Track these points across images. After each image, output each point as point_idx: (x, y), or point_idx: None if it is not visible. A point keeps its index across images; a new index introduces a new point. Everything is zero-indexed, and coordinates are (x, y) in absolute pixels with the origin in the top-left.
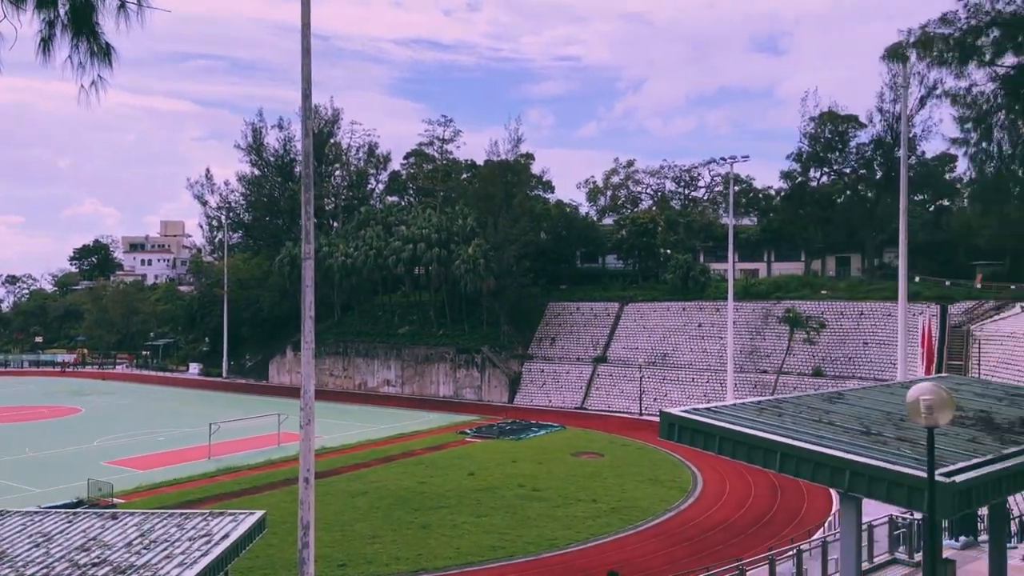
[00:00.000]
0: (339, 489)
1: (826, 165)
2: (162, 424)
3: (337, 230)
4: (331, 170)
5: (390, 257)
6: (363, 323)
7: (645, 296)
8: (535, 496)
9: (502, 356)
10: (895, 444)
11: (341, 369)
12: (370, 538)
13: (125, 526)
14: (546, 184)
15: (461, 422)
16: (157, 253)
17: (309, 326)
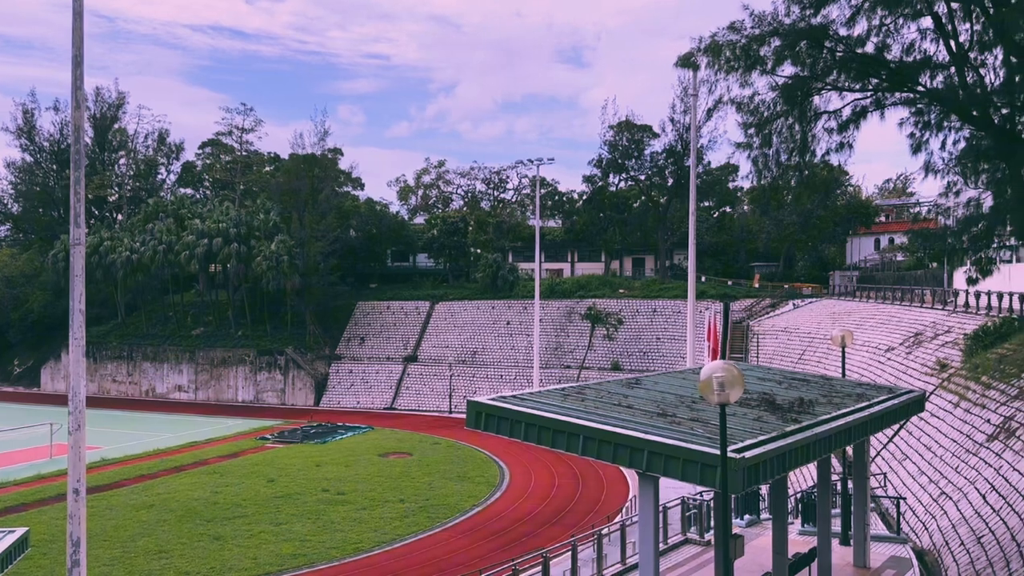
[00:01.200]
0: (121, 503)
1: (624, 171)
2: None
3: (122, 223)
4: (115, 158)
5: (182, 253)
6: (151, 324)
7: (456, 295)
8: (340, 500)
9: (307, 357)
10: (688, 424)
11: (126, 374)
12: (156, 554)
13: None
14: (356, 181)
15: (262, 427)
16: None
17: (79, 320)
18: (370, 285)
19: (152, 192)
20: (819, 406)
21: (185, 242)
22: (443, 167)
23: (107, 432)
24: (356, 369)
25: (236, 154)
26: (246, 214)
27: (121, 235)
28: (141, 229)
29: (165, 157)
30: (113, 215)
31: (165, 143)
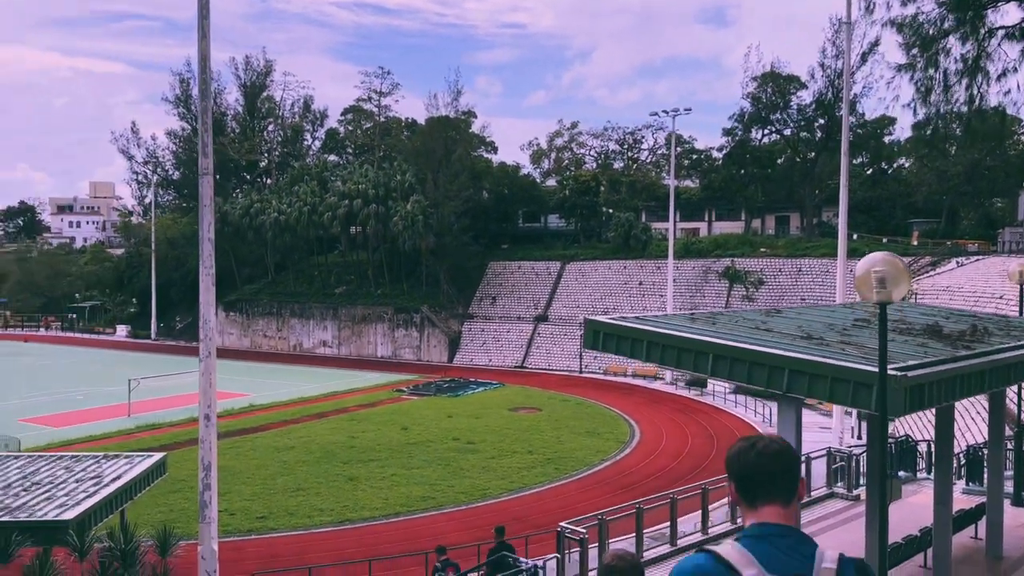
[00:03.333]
0: (265, 444)
1: (767, 125)
2: (83, 383)
3: (270, 187)
4: (264, 125)
5: (325, 214)
6: (298, 283)
7: (586, 255)
8: (469, 449)
9: (442, 315)
10: (838, 347)
11: (275, 330)
12: (294, 491)
13: (7, 470)
14: (489, 144)
15: (398, 381)
16: (86, 215)
17: (208, 249)
18: (502, 246)
19: (298, 157)
20: (994, 336)
21: (328, 203)
22: (576, 128)
23: (257, 382)
24: (488, 328)
25: (375, 119)
26: (384, 175)
27: (270, 197)
28: (288, 192)
29: (310, 124)
30: (263, 180)
31: (310, 110)
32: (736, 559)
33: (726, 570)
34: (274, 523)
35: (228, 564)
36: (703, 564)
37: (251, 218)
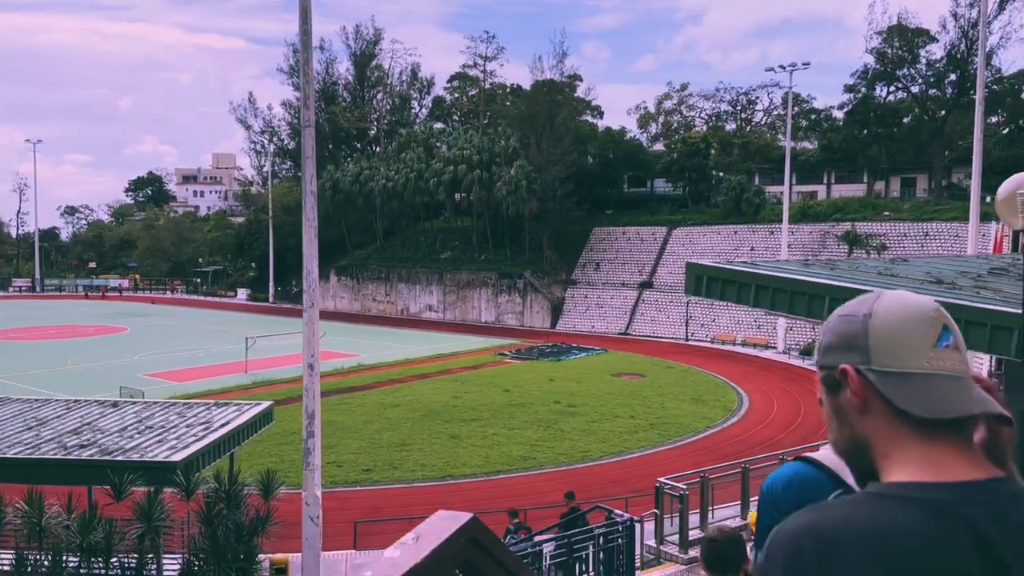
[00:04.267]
0: (371, 402)
1: (893, 82)
2: (204, 342)
3: (379, 154)
4: (373, 94)
5: (431, 180)
6: (405, 249)
7: (694, 220)
8: (570, 412)
9: (544, 281)
10: (972, 290)
11: (384, 294)
12: (398, 446)
13: (124, 414)
14: (594, 109)
15: (501, 345)
16: (209, 185)
17: (311, 203)
18: (606, 211)
19: (405, 125)
20: None
21: (433, 169)
22: (686, 90)
23: (365, 343)
24: (591, 294)
25: (480, 85)
26: (488, 140)
27: (378, 164)
28: (395, 159)
29: (417, 92)
30: (372, 148)
31: (417, 78)
32: (837, 464)
33: (828, 478)
34: (379, 476)
35: (334, 513)
36: (801, 470)
37: (360, 185)
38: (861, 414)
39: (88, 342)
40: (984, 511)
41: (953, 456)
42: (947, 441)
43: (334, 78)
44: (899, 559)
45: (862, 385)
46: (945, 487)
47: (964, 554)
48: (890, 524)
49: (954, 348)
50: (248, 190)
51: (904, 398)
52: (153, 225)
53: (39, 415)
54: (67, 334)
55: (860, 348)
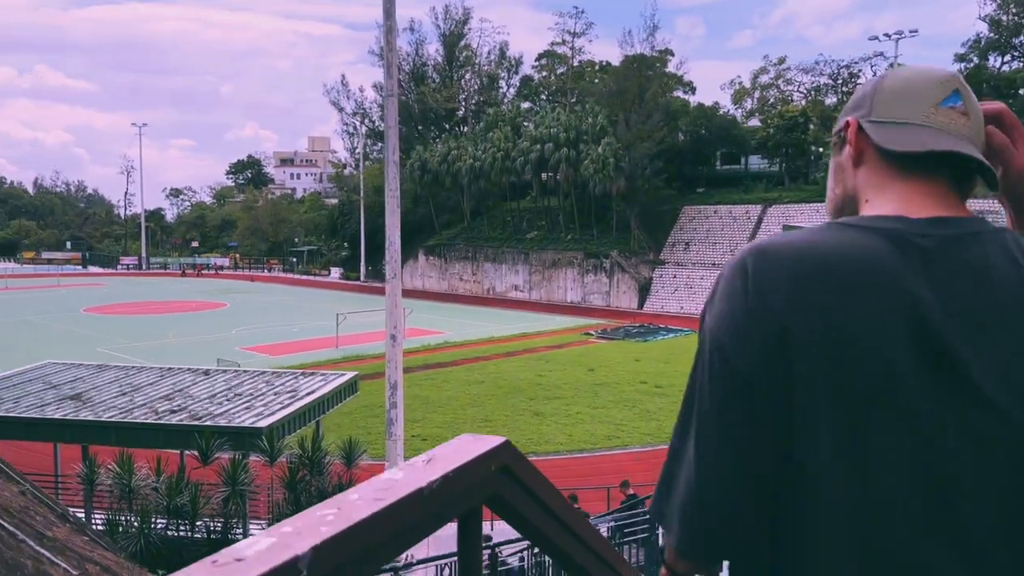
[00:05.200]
0: (456, 378)
1: (1008, 51)
2: (298, 318)
3: (467, 134)
4: (461, 74)
5: (517, 159)
6: (492, 228)
7: (791, 198)
8: (657, 392)
9: (632, 261)
10: None
11: (470, 274)
12: (482, 421)
13: (214, 381)
14: (686, 84)
15: (587, 325)
16: (305, 167)
17: (394, 172)
18: (697, 189)
19: (493, 105)
20: None
21: (520, 148)
22: (783, 64)
23: (452, 321)
24: (680, 274)
25: (569, 62)
26: (575, 118)
27: (466, 144)
28: (482, 138)
29: (505, 71)
30: (460, 128)
31: (505, 57)
32: None
33: None
34: None
35: None
36: None
37: (448, 165)
38: (855, 166)
39: (189, 316)
40: (937, 241)
41: (930, 196)
42: (929, 183)
43: (423, 59)
44: (838, 273)
45: (859, 136)
46: (907, 220)
47: (908, 275)
48: (839, 241)
49: (961, 112)
50: (341, 172)
51: (887, 139)
52: (252, 206)
53: (134, 382)
54: (170, 309)
55: (866, 104)
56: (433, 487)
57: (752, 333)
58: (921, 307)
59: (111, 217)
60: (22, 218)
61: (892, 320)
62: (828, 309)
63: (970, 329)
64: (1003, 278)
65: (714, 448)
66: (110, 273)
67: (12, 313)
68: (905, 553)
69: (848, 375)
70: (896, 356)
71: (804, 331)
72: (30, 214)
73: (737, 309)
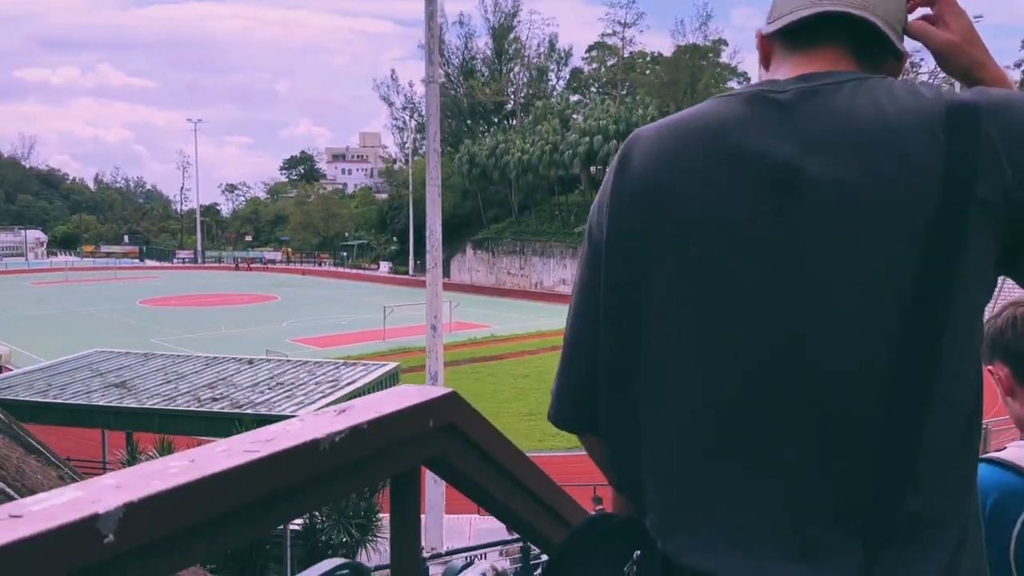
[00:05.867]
0: (502, 371)
1: None
2: (347, 311)
3: (515, 127)
4: (511, 67)
5: (566, 152)
6: (540, 222)
7: None
8: None
9: None
10: None
11: (518, 268)
12: (525, 415)
13: (258, 371)
14: (741, 75)
15: None
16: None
17: (435, 160)
18: None
19: (542, 97)
20: None
21: (568, 141)
22: None
23: (499, 315)
24: None
25: (619, 53)
26: (625, 110)
27: (514, 137)
28: (531, 131)
29: (555, 63)
30: (508, 121)
31: (555, 49)
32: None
33: None
34: None
35: None
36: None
37: (496, 158)
38: (766, 69)
39: (242, 309)
40: (794, 94)
41: (814, 63)
42: (816, 52)
43: (472, 52)
44: (675, 133)
45: (762, 41)
46: (775, 82)
47: (752, 126)
48: (700, 109)
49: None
50: (391, 167)
51: (768, 25)
52: (304, 201)
53: (179, 370)
54: (223, 302)
55: (769, 15)
56: (336, 440)
57: (601, 202)
58: (754, 148)
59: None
60: (83, 213)
61: (712, 166)
62: (648, 165)
63: (823, 164)
64: (860, 117)
65: (576, 322)
66: (166, 267)
67: (71, 304)
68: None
69: (665, 224)
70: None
71: (627, 190)
72: (91, 209)
73: (603, 187)
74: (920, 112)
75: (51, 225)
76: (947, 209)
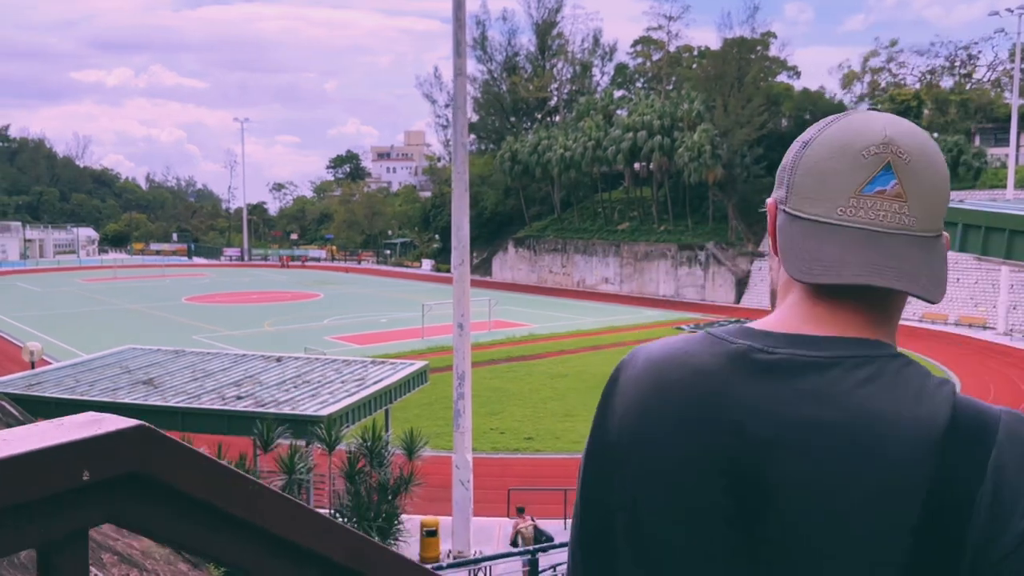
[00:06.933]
0: (540, 371)
1: None
2: (388, 309)
3: (557, 124)
4: (554, 63)
5: (609, 148)
6: (582, 220)
7: None
8: None
9: (729, 253)
10: None
11: (560, 266)
12: (562, 416)
13: (286, 368)
14: (791, 69)
15: (679, 319)
16: (400, 161)
17: (462, 156)
18: None
19: (586, 94)
20: None
21: (612, 137)
22: (896, 46)
23: (539, 313)
24: None
25: (665, 47)
26: (670, 105)
27: (556, 134)
28: (573, 128)
29: (599, 59)
30: (551, 117)
31: (599, 44)
32: None
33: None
34: (540, 445)
35: (493, 479)
36: None
37: (539, 155)
38: (776, 256)
39: (284, 306)
40: (782, 359)
41: (830, 318)
42: (836, 303)
43: (515, 48)
44: (655, 385)
45: (774, 227)
46: (771, 336)
47: (723, 390)
48: (684, 352)
49: (893, 195)
50: (435, 164)
51: (790, 251)
52: (349, 200)
53: (207, 367)
54: (268, 299)
55: (784, 183)
56: None
57: (596, 418)
58: (721, 427)
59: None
60: (134, 211)
61: (682, 434)
62: (627, 408)
63: (793, 461)
64: (846, 410)
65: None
66: (213, 264)
67: (118, 301)
68: None
69: (632, 468)
70: (677, 470)
71: (609, 424)
72: (142, 207)
73: (599, 403)
74: (918, 422)
75: (103, 223)
76: (924, 550)
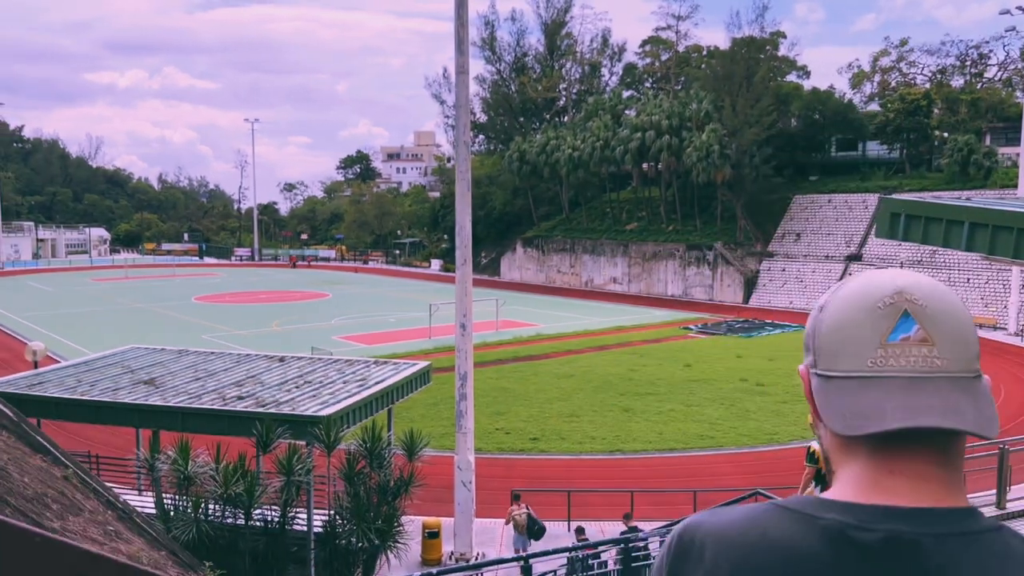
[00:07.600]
0: (546, 371)
1: None
2: (396, 309)
3: (566, 124)
4: (563, 63)
5: (617, 148)
6: (591, 220)
7: (912, 185)
8: (758, 391)
9: (737, 253)
10: None
11: (568, 266)
12: (568, 416)
13: (288, 368)
14: (800, 68)
15: (687, 319)
16: (410, 162)
17: (464, 153)
18: (809, 177)
19: (595, 94)
20: None
21: (620, 137)
22: (906, 46)
23: (547, 313)
24: (789, 267)
25: (673, 47)
26: (678, 104)
27: (565, 134)
28: (582, 128)
29: (607, 59)
30: (560, 118)
31: (608, 44)
32: None
33: None
34: (546, 445)
35: (498, 480)
36: None
37: (547, 155)
38: (820, 421)
39: (293, 306)
40: (883, 537)
41: (902, 477)
42: (901, 458)
43: (524, 49)
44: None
45: (811, 392)
46: (858, 509)
47: None
48: (764, 534)
49: (919, 340)
50: (444, 165)
51: (828, 409)
52: (359, 200)
53: (209, 367)
54: (277, 299)
55: (811, 348)
56: None
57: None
58: None
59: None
60: (146, 211)
61: None
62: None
63: None
64: None
65: None
66: (224, 264)
67: (127, 301)
68: None
69: None
70: None
71: None
72: (154, 208)
73: None
74: None
75: (115, 223)
76: None
